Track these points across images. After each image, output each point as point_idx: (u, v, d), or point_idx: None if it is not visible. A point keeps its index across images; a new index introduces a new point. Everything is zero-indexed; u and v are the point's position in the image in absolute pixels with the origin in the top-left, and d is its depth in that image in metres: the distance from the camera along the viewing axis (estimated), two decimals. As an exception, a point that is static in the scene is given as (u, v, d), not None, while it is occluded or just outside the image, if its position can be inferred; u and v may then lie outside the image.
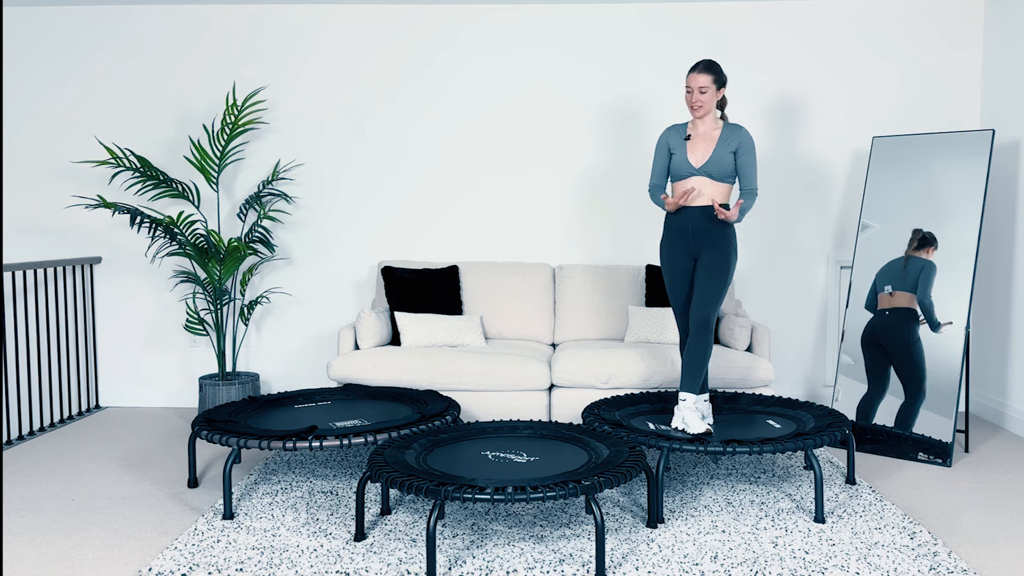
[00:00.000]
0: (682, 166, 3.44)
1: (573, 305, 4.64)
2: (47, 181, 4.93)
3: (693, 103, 3.40)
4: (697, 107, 3.40)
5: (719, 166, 3.39)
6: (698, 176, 3.42)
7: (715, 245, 3.40)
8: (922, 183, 4.10)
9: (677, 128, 3.52)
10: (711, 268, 3.38)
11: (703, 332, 3.33)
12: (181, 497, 3.36)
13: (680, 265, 3.47)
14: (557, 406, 4.05)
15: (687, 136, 3.46)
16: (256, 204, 4.68)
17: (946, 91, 4.77)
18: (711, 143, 3.42)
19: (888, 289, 3.98)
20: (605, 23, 4.80)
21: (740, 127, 3.43)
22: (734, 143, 3.40)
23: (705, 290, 3.37)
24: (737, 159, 3.42)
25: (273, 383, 5.00)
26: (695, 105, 3.40)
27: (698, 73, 3.37)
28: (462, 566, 2.66)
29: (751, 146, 3.41)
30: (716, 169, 3.40)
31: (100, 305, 5.00)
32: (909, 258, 3.93)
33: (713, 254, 3.39)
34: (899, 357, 3.97)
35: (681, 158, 3.45)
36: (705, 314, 3.33)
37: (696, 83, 3.38)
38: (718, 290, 3.37)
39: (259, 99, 4.82)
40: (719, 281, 3.37)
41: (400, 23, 4.84)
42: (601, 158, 4.87)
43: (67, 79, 4.89)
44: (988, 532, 2.97)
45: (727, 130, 3.43)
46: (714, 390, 3.93)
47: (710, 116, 3.44)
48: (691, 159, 3.43)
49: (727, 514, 3.12)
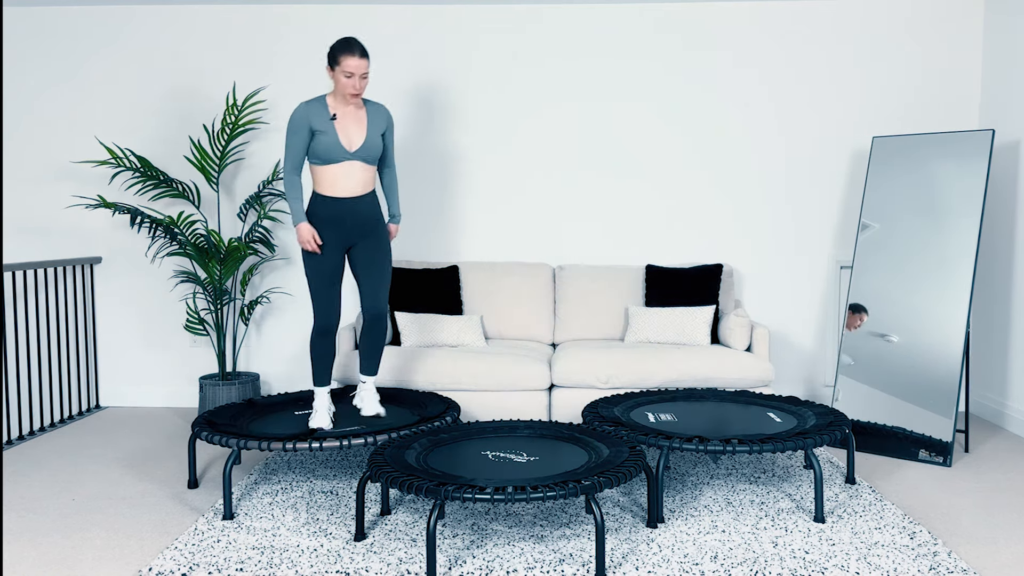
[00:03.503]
0: (334, 149, 3.32)
1: (573, 305, 4.64)
2: (47, 181, 4.93)
3: (359, 89, 3.29)
4: (357, 93, 3.30)
5: (372, 150, 3.39)
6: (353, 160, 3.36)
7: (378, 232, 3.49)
8: (922, 183, 4.10)
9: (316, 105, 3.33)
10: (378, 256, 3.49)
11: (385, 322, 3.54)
12: (181, 497, 3.36)
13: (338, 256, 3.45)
14: (557, 406, 4.05)
15: (333, 116, 3.32)
16: (256, 204, 4.68)
17: (946, 91, 4.77)
18: (363, 124, 3.38)
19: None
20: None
21: (382, 105, 3.49)
22: (383, 123, 3.42)
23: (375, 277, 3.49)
24: (385, 140, 3.48)
25: (273, 383, 5.00)
26: (356, 91, 3.29)
27: (360, 57, 3.26)
28: (462, 566, 2.66)
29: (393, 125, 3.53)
30: (369, 153, 3.38)
31: (100, 305, 5.00)
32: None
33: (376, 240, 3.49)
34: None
35: (332, 140, 3.31)
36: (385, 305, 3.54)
37: (360, 69, 3.26)
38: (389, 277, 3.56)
39: (259, 99, 4.82)
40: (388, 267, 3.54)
41: (400, 23, 4.84)
42: (601, 158, 4.87)
43: (67, 79, 4.89)
44: (988, 532, 2.97)
45: (372, 108, 3.41)
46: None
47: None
48: (344, 142, 3.33)
49: (727, 514, 3.12)
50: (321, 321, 3.42)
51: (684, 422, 3.43)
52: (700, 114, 4.83)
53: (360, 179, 3.38)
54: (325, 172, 3.34)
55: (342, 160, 3.32)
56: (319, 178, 3.37)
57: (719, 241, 4.89)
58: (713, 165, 4.85)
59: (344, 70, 3.26)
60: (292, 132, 3.30)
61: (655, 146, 4.85)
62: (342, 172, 3.34)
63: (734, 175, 4.85)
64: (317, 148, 3.31)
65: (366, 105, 3.41)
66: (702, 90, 4.82)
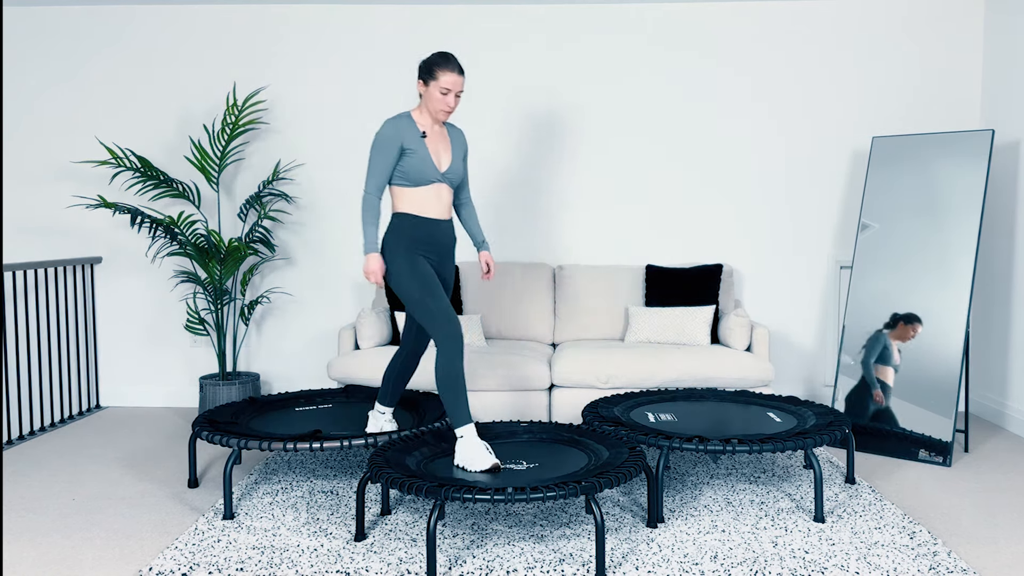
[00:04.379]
0: (426, 169, 3.07)
1: (573, 305, 4.64)
2: (47, 181, 4.93)
3: (452, 108, 3.09)
4: (451, 111, 3.10)
5: (458, 172, 3.18)
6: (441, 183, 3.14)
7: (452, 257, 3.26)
8: (922, 183, 4.10)
9: (405, 122, 3.08)
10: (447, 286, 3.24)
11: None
12: (181, 497, 3.36)
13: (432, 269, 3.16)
14: (557, 406, 4.05)
15: (423, 133, 3.09)
16: (256, 204, 4.68)
17: (946, 91, 4.77)
18: (448, 145, 3.18)
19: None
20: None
21: (460, 129, 3.28)
22: (463, 146, 3.24)
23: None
24: (464, 164, 3.26)
25: (273, 383, 5.01)
26: (450, 109, 3.09)
27: (459, 75, 3.05)
28: (462, 566, 2.66)
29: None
30: (455, 175, 3.17)
31: (100, 305, 5.00)
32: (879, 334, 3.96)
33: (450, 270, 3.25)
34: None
35: (423, 159, 3.06)
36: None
37: (457, 86, 3.05)
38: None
39: (259, 99, 4.82)
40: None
41: (400, 23, 4.84)
42: (601, 158, 4.87)
43: (67, 79, 4.89)
44: (988, 532, 2.97)
45: (452, 131, 3.23)
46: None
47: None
48: (436, 162, 3.11)
49: (727, 514, 3.12)
50: (453, 326, 2.93)
51: (684, 422, 3.43)
52: (700, 114, 4.83)
53: (446, 202, 3.14)
54: (414, 194, 3.07)
55: (433, 181, 3.08)
56: (405, 199, 3.08)
57: (719, 241, 4.89)
58: (713, 165, 4.85)
59: (441, 86, 3.03)
60: (380, 150, 3.02)
61: (655, 146, 4.86)
62: (433, 194, 3.09)
63: (734, 175, 4.85)
64: (407, 168, 3.04)
65: (448, 127, 3.22)
66: (702, 90, 4.82)
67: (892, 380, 3.93)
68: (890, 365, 3.93)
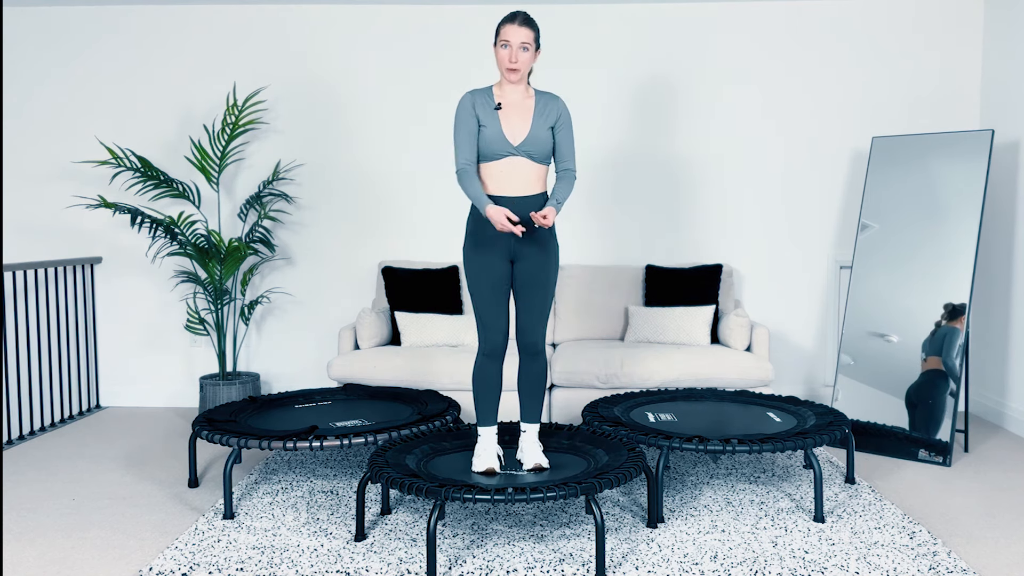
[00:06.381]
0: (497, 142, 2.86)
1: (573, 305, 4.64)
2: (47, 181, 4.93)
3: (516, 63, 2.82)
4: (515, 67, 2.83)
5: (538, 144, 2.88)
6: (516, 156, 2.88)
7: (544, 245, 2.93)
8: (922, 183, 4.10)
9: (482, 94, 2.90)
10: (541, 276, 2.94)
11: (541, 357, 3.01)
12: (181, 497, 3.36)
13: (499, 269, 2.93)
14: (557, 406, 4.05)
15: (497, 105, 2.88)
16: (256, 204, 4.68)
17: (946, 91, 4.77)
18: (527, 115, 2.90)
19: (922, 355, 3.93)
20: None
21: (556, 96, 2.95)
22: (552, 115, 2.91)
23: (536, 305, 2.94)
24: (556, 135, 2.93)
25: (274, 383, 5.01)
26: (513, 65, 2.82)
27: (519, 25, 2.79)
28: (462, 566, 2.66)
29: (570, 119, 2.96)
30: (535, 148, 2.88)
31: (100, 305, 5.00)
32: (939, 326, 3.90)
33: (543, 258, 2.93)
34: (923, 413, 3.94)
35: (495, 132, 2.85)
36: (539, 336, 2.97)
37: (518, 37, 2.79)
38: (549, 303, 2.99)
39: (259, 99, 4.83)
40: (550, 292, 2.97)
41: (400, 23, 4.84)
42: (601, 158, 4.87)
43: (67, 79, 4.89)
44: (988, 532, 2.98)
45: (541, 99, 2.92)
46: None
47: (523, 83, 2.91)
48: (507, 134, 2.86)
49: (727, 514, 3.12)
50: (488, 340, 2.90)
51: (684, 422, 3.43)
52: (699, 114, 4.83)
53: (527, 177, 2.88)
54: (488, 169, 2.88)
55: (505, 155, 2.86)
56: (483, 175, 2.90)
57: (719, 241, 4.89)
58: (713, 165, 4.85)
59: (501, 38, 2.81)
60: (459, 123, 2.86)
61: (655, 146, 4.85)
62: (507, 168, 2.86)
63: (734, 175, 4.85)
64: (480, 143, 2.86)
65: (537, 95, 2.93)
66: (701, 90, 4.82)
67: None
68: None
